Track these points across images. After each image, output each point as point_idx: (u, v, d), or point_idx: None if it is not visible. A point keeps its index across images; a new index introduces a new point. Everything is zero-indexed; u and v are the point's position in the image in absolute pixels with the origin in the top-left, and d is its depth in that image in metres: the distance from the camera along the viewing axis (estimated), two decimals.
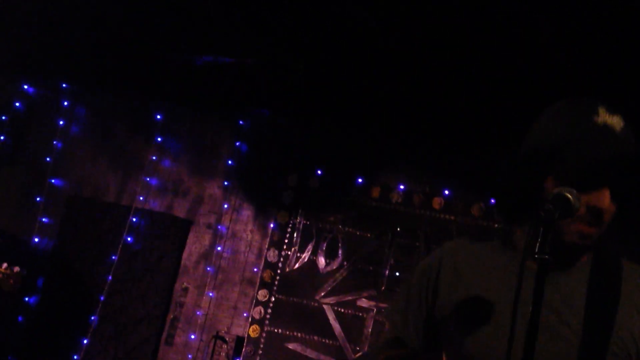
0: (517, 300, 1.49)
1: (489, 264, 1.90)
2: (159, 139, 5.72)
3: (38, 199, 5.80)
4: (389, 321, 2.09)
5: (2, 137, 5.93)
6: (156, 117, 5.72)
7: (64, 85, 5.94)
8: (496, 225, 4.93)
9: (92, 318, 5.45)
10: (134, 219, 5.59)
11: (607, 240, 1.85)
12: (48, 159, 5.88)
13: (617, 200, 1.72)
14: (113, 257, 5.49)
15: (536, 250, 1.46)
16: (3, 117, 5.93)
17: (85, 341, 5.42)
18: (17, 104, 5.98)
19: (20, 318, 5.50)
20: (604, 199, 1.67)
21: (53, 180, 5.86)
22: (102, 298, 5.44)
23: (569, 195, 1.53)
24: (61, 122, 5.92)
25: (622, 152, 1.68)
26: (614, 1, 3.24)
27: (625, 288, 1.78)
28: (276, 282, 5.25)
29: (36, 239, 5.71)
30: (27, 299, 5.51)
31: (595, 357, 1.70)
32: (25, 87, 5.99)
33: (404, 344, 2.02)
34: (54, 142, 5.90)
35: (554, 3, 3.43)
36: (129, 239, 5.53)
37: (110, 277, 5.46)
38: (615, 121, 1.70)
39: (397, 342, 2.04)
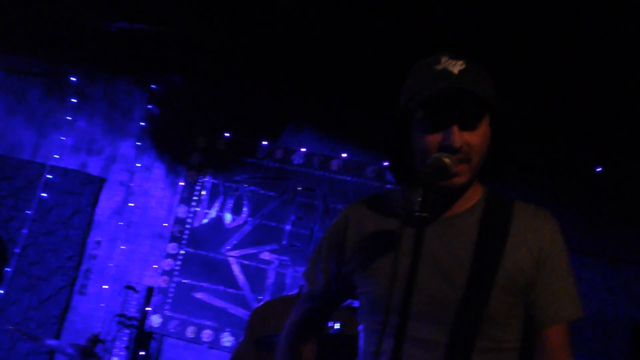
0: (397, 257, 1.52)
1: (388, 217, 1.92)
2: (74, 100, 5.74)
3: None
4: (305, 279, 2.13)
5: None
6: (71, 79, 5.74)
7: None
8: (388, 186, 5.07)
9: (7, 269, 5.47)
10: (49, 176, 5.60)
11: (499, 183, 1.92)
12: None
13: (477, 138, 1.74)
14: (28, 212, 5.52)
15: (417, 209, 1.50)
16: None
17: (0, 291, 5.47)
18: None
19: None
20: (454, 135, 1.69)
21: None
22: (16, 250, 5.48)
23: (446, 160, 1.62)
24: None
25: (456, 88, 1.70)
26: None
27: (515, 225, 1.82)
28: (185, 236, 5.32)
29: None
30: None
31: (480, 291, 1.74)
32: None
33: (318, 297, 2.10)
34: None
35: None
36: (44, 194, 5.56)
37: (25, 231, 5.50)
38: (456, 65, 1.74)
39: (312, 296, 2.12)
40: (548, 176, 4.62)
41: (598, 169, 4.75)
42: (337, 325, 3.47)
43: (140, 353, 5.12)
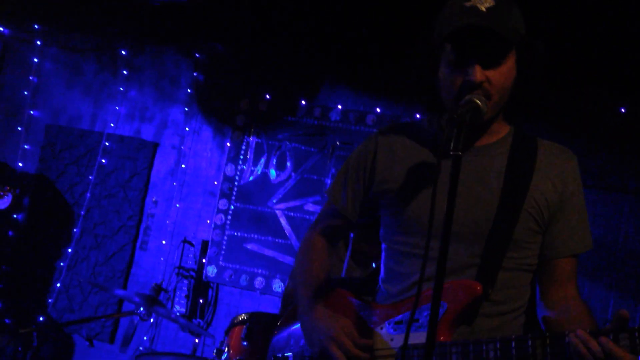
0: (435, 189, 1.55)
1: (419, 144, 1.99)
2: (125, 72, 5.95)
3: (19, 128, 6.04)
4: (329, 196, 2.18)
5: None
6: (121, 52, 5.94)
7: (36, 26, 6.08)
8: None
9: (75, 230, 5.76)
10: (107, 143, 5.84)
11: (520, 116, 1.99)
12: (26, 92, 6.09)
13: (498, 72, 1.77)
14: (90, 177, 5.79)
15: (451, 147, 1.52)
16: None
17: (69, 250, 5.75)
18: None
19: (10, 233, 5.75)
20: (475, 72, 1.74)
21: (32, 112, 6.08)
22: (82, 212, 5.75)
23: (478, 101, 1.64)
24: (35, 60, 6.12)
25: (484, 25, 1.72)
26: None
27: (539, 160, 1.91)
28: (234, 193, 5.50)
29: (20, 164, 5.97)
30: (15, 215, 5.77)
31: (510, 215, 1.84)
32: (1, 28, 6.14)
33: (341, 216, 2.15)
34: (30, 78, 6.11)
35: None
36: (103, 160, 5.80)
37: (88, 195, 5.76)
38: (485, 2, 1.75)
39: (335, 214, 2.17)
40: (572, 117, 4.67)
41: (622, 109, 4.82)
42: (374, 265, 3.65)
43: (199, 301, 5.43)
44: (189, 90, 5.83)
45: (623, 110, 4.75)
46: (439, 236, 1.52)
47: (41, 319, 5.65)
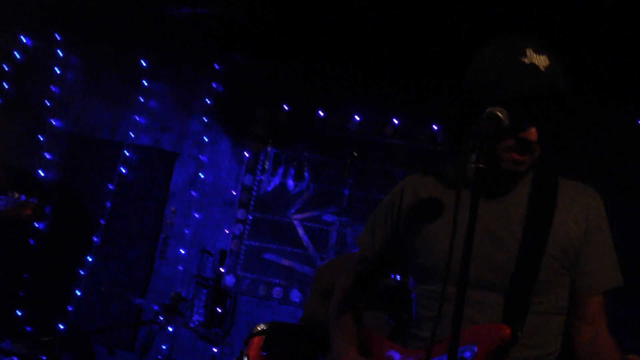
0: (456, 214, 1.53)
1: (442, 188, 1.97)
2: (145, 83, 6.00)
3: (40, 137, 6.09)
4: (360, 244, 2.17)
5: (5, 84, 6.17)
6: (142, 63, 6.00)
7: (57, 36, 6.18)
8: (439, 149, 5.20)
9: (95, 239, 5.80)
10: (127, 153, 5.89)
11: (546, 160, 1.93)
12: (47, 102, 6.15)
13: (545, 130, 1.76)
14: (110, 187, 5.83)
15: (473, 160, 1.49)
16: (5, 67, 6.17)
17: (89, 259, 5.78)
18: (17, 55, 6.21)
19: (31, 241, 5.80)
20: (532, 132, 1.73)
21: (53, 121, 6.13)
22: (102, 222, 5.80)
23: (500, 114, 1.57)
24: (57, 70, 6.19)
25: (544, 87, 1.71)
26: None
27: (560, 200, 1.88)
28: (252, 203, 5.54)
29: (41, 172, 6.00)
30: (37, 224, 5.82)
31: (532, 259, 1.81)
32: (23, 39, 6.21)
33: (370, 261, 2.15)
34: (52, 88, 6.17)
35: None
36: (123, 170, 5.85)
37: (108, 204, 5.82)
38: (541, 60, 1.73)
39: (365, 260, 2.17)
40: (588, 129, 4.67)
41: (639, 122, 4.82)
42: (398, 277, 3.65)
43: (218, 310, 5.45)
44: (207, 101, 5.87)
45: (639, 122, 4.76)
46: (455, 281, 1.52)
47: (61, 327, 5.68)
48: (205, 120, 5.85)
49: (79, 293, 5.77)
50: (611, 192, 1.97)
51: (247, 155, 5.68)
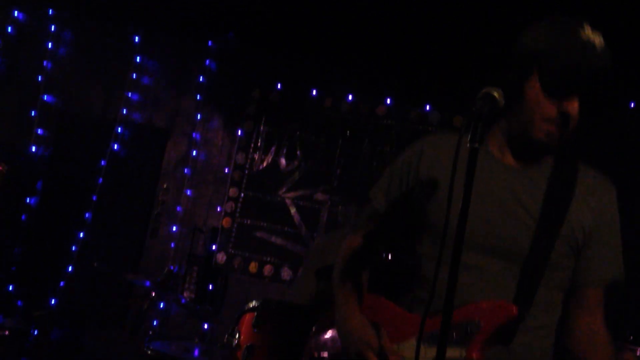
0: (452, 184, 1.54)
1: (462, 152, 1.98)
2: (138, 59, 5.94)
3: (33, 113, 6.01)
4: (372, 198, 2.15)
5: None
6: (134, 39, 5.95)
7: (51, 11, 6.11)
8: (430, 129, 5.21)
9: (87, 215, 5.77)
10: (119, 130, 5.85)
11: (570, 145, 1.93)
12: (39, 77, 6.07)
13: (584, 111, 1.77)
14: (102, 163, 5.77)
15: (468, 140, 1.50)
16: None
17: (81, 234, 5.75)
18: (9, 29, 6.13)
19: (23, 217, 5.77)
20: (574, 106, 1.74)
21: (45, 97, 6.06)
22: (94, 198, 5.75)
23: (495, 94, 1.57)
24: (50, 45, 6.11)
25: (598, 67, 1.73)
26: None
27: (579, 186, 1.90)
28: (244, 181, 5.55)
29: (33, 148, 5.96)
30: (28, 200, 5.78)
31: (547, 239, 1.83)
32: (16, 13, 6.14)
33: (381, 218, 2.13)
34: (44, 63, 6.10)
35: None
36: (115, 147, 5.81)
37: (100, 180, 5.76)
38: (597, 39, 1.76)
39: (377, 217, 2.14)
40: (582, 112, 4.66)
41: (632, 104, 4.83)
42: (389, 255, 3.66)
43: (209, 287, 5.44)
44: (201, 79, 5.84)
45: (632, 104, 4.76)
46: (476, 246, 1.54)
47: (53, 302, 5.68)
48: (199, 98, 5.82)
49: (70, 269, 5.75)
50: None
51: (239, 133, 5.67)
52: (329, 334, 2.24)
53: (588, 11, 4.03)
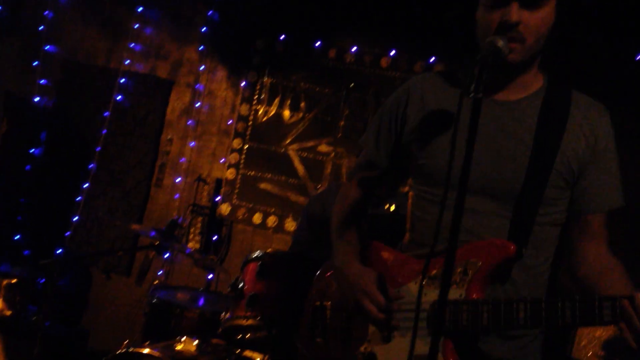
0: (454, 133, 1.53)
1: (450, 93, 1.94)
2: (140, 9, 5.87)
3: (35, 63, 5.97)
4: (363, 146, 2.16)
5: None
6: None
7: None
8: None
9: (91, 166, 5.77)
10: (122, 80, 5.79)
11: (559, 74, 1.94)
12: (41, 27, 6.01)
13: (532, 10, 1.74)
14: (106, 114, 5.76)
15: (471, 90, 1.49)
16: None
17: (85, 185, 5.76)
18: None
19: (27, 167, 5.79)
20: (512, 12, 1.72)
21: (47, 47, 6.00)
22: (98, 149, 5.75)
23: (500, 44, 1.59)
24: None
25: None
26: None
27: (572, 115, 1.86)
28: (248, 132, 5.51)
29: (36, 99, 5.92)
30: (32, 150, 5.78)
31: (541, 173, 1.81)
32: None
33: (375, 166, 2.13)
34: (45, 13, 6.03)
35: None
36: (118, 97, 5.77)
37: (104, 131, 5.75)
38: None
39: (369, 164, 2.15)
40: (588, 63, 4.62)
41: (638, 57, 4.76)
42: (392, 207, 3.66)
43: (213, 238, 5.48)
44: (204, 29, 5.76)
45: (638, 57, 4.70)
46: (469, 187, 1.52)
47: (59, 251, 5.72)
48: (202, 49, 5.75)
49: (76, 219, 5.78)
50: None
51: (243, 84, 5.61)
52: (330, 283, 2.26)
53: None
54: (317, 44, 5.44)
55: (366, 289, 1.94)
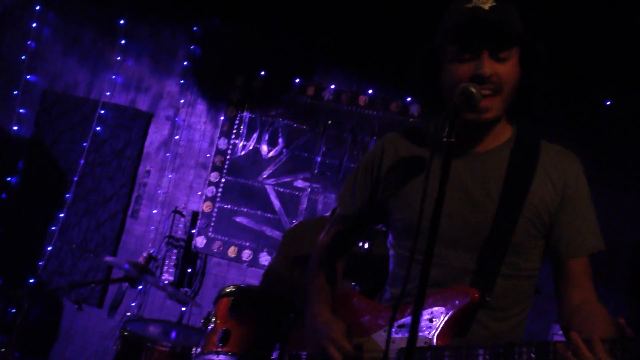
0: (427, 178, 1.54)
1: (422, 147, 1.97)
2: (123, 41, 5.87)
3: (15, 92, 5.96)
4: (339, 202, 2.19)
5: None
6: (119, 21, 5.86)
7: None
8: (411, 120, 5.15)
9: (67, 196, 5.72)
10: (102, 112, 5.78)
11: (527, 124, 1.95)
12: (23, 57, 6.01)
13: (506, 65, 1.75)
14: (84, 144, 5.74)
15: (445, 135, 1.49)
16: None
17: (61, 215, 5.72)
18: None
19: (3, 195, 5.74)
20: (484, 64, 1.72)
21: (28, 76, 6.01)
22: (75, 179, 5.71)
23: (473, 90, 1.60)
24: (34, 25, 6.03)
25: (489, 19, 1.72)
26: None
27: (540, 164, 1.86)
28: (226, 166, 5.49)
29: (15, 127, 5.90)
30: (9, 178, 5.73)
31: (507, 221, 1.80)
32: None
33: (350, 219, 2.17)
34: (28, 42, 6.03)
35: None
36: (98, 128, 5.75)
37: (82, 161, 5.72)
38: (487, 2, 1.74)
39: (345, 218, 2.18)
40: (559, 110, 4.69)
41: (607, 103, 4.84)
42: (366, 245, 3.67)
43: (188, 270, 5.43)
44: (185, 63, 5.78)
45: (608, 103, 4.78)
46: (439, 240, 1.52)
47: (31, 281, 5.64)
48: (182, 82, 5.77)
49: (49, 248, 5.71)
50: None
51: (222, 118, 5.62)
52: (305, 332, 2.25)
53: (567, 11, 4.07)
54: (297, 80, 5.47)
55: (332, 336, 1.95)
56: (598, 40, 4.43)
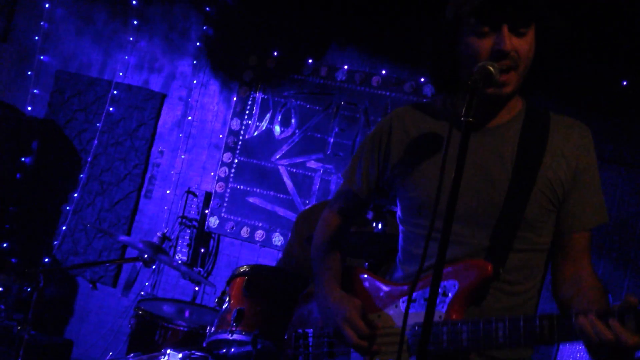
0: (445, 156, 1.51)
1: (432, 123, 1.95)
2: (135, 22, 5.85)
3: (29, 73, 5.96)
4: (345, 177, 2.16)
5: None
6: (132, 2, 5.82)
7: None
8: (424, 100, 5.09)
9: (81, 176, 5.74)
10: (115, 92, 5.76)
11: (538, 98, 1.93)
12: (36, 37, 6.00)
13: (527, 41, 1.73)
14: (98, 125, 5.74)
15: (463, 113, 1.47)
16: None
17: (75, 195, 5.73)
18: None
19: (18, 175, 5.70)
20: (505, 40, 1.70)
21: (42, 57, 5.99)
22: (89, 159, 5.72)
23: (491, 68, 1.58)
24: (47, 5, 6.01)
25: None
26: None
27: (551, 137, 1.85)
28: (238, 147, 5.48)
29: (29, 108, 5.91)
30: (23, 159, 5.72)
31: (520, 195, 1.80)
32: None
33: (356, 197, 2.14)
34: (41, 23, 6.01)
35: None
36: (111, 109, 5.75)
37: (96, 142, 5.73)
38: None
39: (350, 195, 2.16)
40: (574, 89, 4.64)
41: (624, 83, 4.79)
42: (380, 225, 3.64)
43: (201, 250, 5.45)
44: (198, 44, 5.75)
45: (625, 83, 4.72)
46: (455, 218, 1.50)
47: (46, 260, 5.66)
48: (195, 63, 5.73)
49: (64, 228, 5.72)
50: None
51: (235, 99, 5.58)
52: (310, 310, 2.23)
53: None
54: (310, 61, 5.43)
55: (347, 315, 1.93)
56: (615, 20, 4.36)
